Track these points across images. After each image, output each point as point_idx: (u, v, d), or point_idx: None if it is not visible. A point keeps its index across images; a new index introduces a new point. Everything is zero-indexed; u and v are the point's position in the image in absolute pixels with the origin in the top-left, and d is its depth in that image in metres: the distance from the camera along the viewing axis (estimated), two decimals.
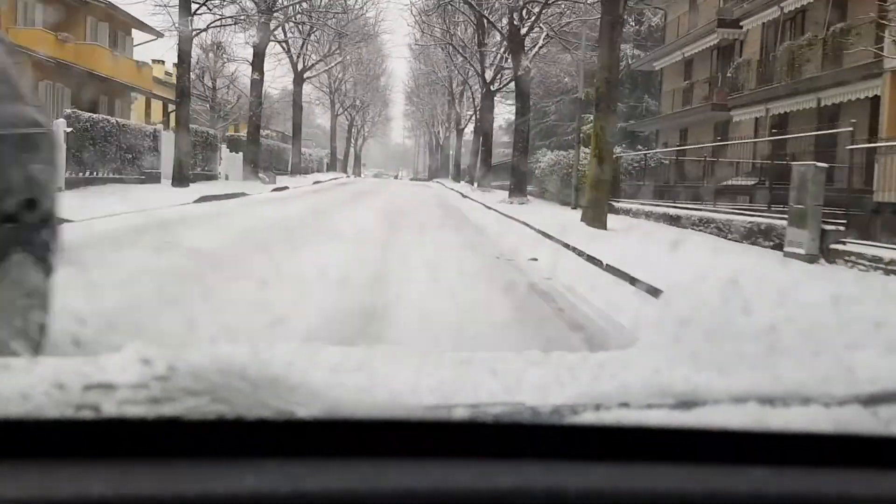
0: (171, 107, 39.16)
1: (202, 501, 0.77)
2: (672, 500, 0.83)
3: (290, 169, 35.77)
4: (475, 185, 35.84)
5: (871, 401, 0.96)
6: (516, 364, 1.22)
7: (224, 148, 27.72)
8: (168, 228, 9.32)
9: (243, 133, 37.48)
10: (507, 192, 25.08)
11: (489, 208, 19.08)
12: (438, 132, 62.92)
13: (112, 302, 4.07)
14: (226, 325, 3.64)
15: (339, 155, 61.98)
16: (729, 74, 25.04)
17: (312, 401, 0.85)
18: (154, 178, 19.70)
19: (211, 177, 25.42)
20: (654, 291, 5.87)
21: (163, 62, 46.69)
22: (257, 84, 25.72)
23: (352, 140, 65.02)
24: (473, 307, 5.32)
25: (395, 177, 78.78)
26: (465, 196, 27.20)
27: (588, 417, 0.87)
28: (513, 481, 0.81)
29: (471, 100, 45.45)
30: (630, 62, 40.36)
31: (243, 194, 19.16)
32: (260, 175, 25.76)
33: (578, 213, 16.41)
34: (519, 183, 20.21)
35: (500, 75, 30.06)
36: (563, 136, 42.41)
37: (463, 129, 46.19)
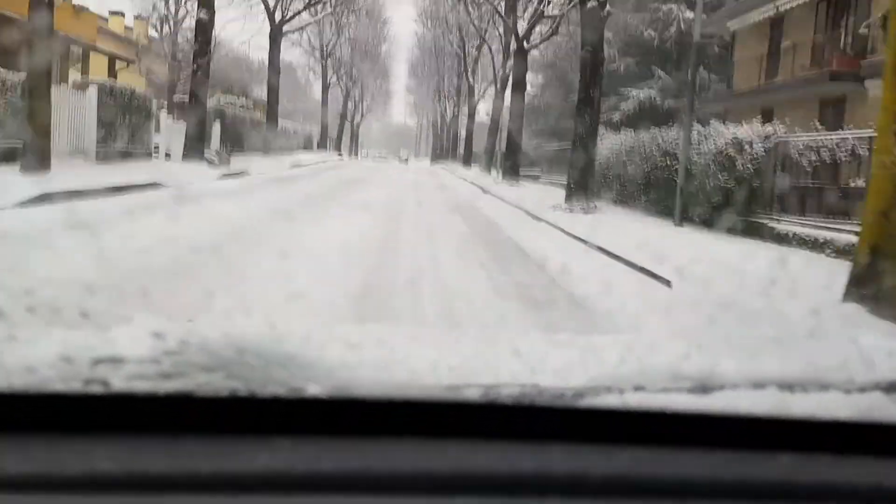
0: (123, 64, 32.02)
1: (214, 479, 0.74)
2: (698, 487, 0.81)
3: (263, 147, 28.66)
4: (494, 173, 28.68)
5: (893, 388, 0.93)
6: (540, 345, 1.16)
7: (165, 116, 20.62)
8: None
9: (230, 100, 30.24)
10: (544, 187, 18.05)
11: (540, 220, 11.97)
12: (445, 109, 55.57)
13: None
14: None
15: (334, 133, 54.74)
16: (863, 30, 17.96)
17: (328, 378, 0.82)
18: (12, 156, 12.58)
19: (140, 154, 18.37)
20: None
21: (122, 14, 39.44)
22: (204, 27, 18.49)
23: (347, 116, 57.56)
24: None
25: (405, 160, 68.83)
26: (486, 191, 20.12)
27: (610, 400, 0.85)
28: (533, 464, 0.79)
29: (489, 66, 38.23)
30: (682, 27, 33.34)
31: (152, 186, 12.08)
32: (207, 155, 18.66)
33: (707, 237, 9.48)
34: (582, 179, 13.05)
35: (532, 32, 22.82)
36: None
37: (476, 105, 38.85)
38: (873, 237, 4.69)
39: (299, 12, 29.44)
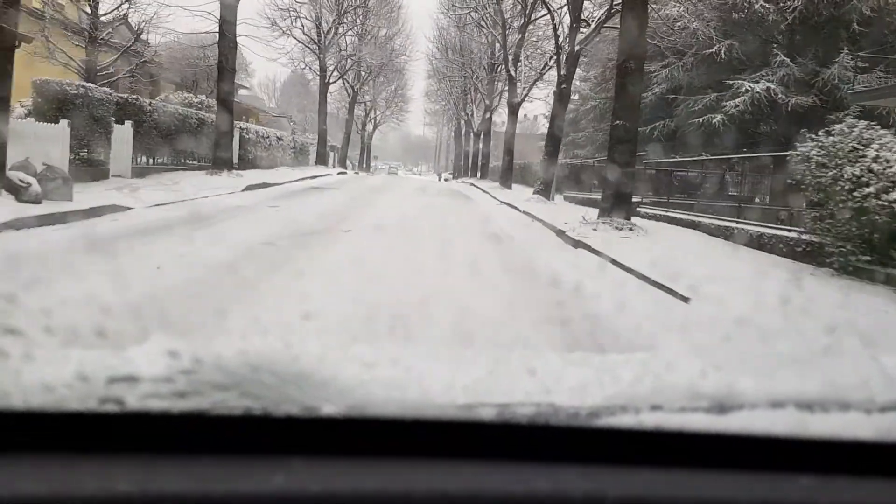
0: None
1: (229, 500, 0.73)
2: None
3: (215, 161, 19.20)
4: (557, 200, 18.83)
5: None
6: (555, 364, 1.14)
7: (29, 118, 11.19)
8: None
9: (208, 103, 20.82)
10: (705, 241, 8.58)
11: None
12: (472, 115, 45.99)
13: None
14: None
15: (339, 143, 45.40)
16: None
17: (343, 397, 0.82)
18: None
19: None
20: None
21: None
22: None
23: (355, 123, 48.10)
24: None
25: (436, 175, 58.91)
26: (577, 244, 10.42)
27: (626, 420, 0.84)
28: (548, 485, 0.78)
29: (533, 57, 28.62)
30: None
31: None
32: (15, 176, 9.13)
33: None
34: None
35: None
36: (687, 120, 25.32)
37: (519, 105, 29.13)
38: None
39: None
